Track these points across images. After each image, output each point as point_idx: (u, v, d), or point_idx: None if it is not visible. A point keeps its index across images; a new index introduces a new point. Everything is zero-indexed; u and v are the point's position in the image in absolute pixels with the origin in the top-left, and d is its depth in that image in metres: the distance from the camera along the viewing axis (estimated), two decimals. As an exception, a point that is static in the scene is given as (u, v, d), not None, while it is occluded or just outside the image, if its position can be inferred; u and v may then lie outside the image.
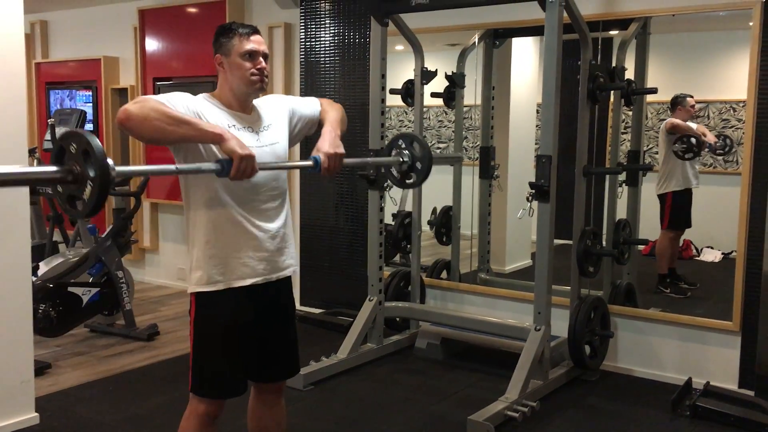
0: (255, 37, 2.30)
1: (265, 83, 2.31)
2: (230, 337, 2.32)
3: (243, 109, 2.32)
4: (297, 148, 4.98)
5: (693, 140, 4.43)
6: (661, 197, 4.68)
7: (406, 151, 2.58)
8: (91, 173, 1.63)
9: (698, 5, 3.91)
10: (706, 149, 4.55)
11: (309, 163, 2.27)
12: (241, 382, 2.38)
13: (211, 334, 2.32)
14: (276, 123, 2.40)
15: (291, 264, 2.44)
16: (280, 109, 2.45)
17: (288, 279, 2.45)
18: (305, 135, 2.56)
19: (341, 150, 2.32)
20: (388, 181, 4.57)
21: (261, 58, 2.29)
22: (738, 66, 4.00)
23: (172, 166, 2.03)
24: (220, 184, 2.22)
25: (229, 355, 2.32)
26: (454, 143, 5.13)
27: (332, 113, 2.49)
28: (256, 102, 2.40)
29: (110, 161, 1.66)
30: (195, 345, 2.35)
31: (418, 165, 2.58)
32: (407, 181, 2.64)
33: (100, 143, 1.66)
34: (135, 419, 3.50)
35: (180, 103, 2.16)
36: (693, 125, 4.58)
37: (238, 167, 2.03)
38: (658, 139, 4.70)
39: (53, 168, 1.68)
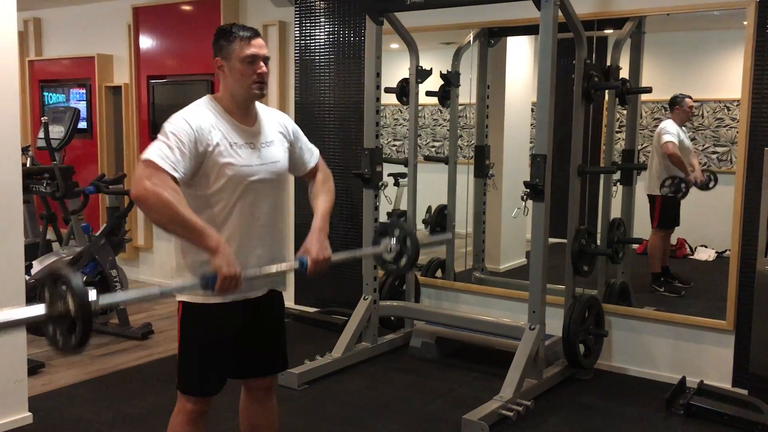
0: (256, 41, 2.26)
1: (264, 90, 2.29)
2: (215, 345, 2.32)
3: (245, 117, 2.29)
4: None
5: (682, 185, 4.50)
6: (651, 197, 4.69)
7: (394, 241, 2.56)
8: (73, 308, 1.72)
9: (693, 4, 3.91)
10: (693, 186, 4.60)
11: (295, 265, 2.27)
12: (224, 381, 2.38)
13: (196, 342, 2.32)
14: (278, 142, 2.37)
15: (281, 282, 2.42)
16: (285, 131, 2.42)
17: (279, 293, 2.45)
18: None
19: (329, 253, 2.29)
20: (383, 180, 4.58)
21: (262, 63, 2.25)
22: (732, 65, 4.00)
23: (156, 290, 2.06)
24: (224, 204, 2.22)
25: (213, 359, 2.31)
26: (449, 142, 5.12)
27: (324, 197, 2.43)
28: (260, 111, 2.37)
29: (92, 295, 1.73)
30: (181, 347, 2.35)
31: (403, 260, 2.58)
32: (390, 266, 2.65)
33: (79, 282, 1.73)
34: (129, 418, 3.49)
35: (186, 137, 2.13)
36: (693, 161, 4.60)
37: (222, 285, 2.04)
38: (653, 141, 4.70)
39: (41, 310, 1.77)
